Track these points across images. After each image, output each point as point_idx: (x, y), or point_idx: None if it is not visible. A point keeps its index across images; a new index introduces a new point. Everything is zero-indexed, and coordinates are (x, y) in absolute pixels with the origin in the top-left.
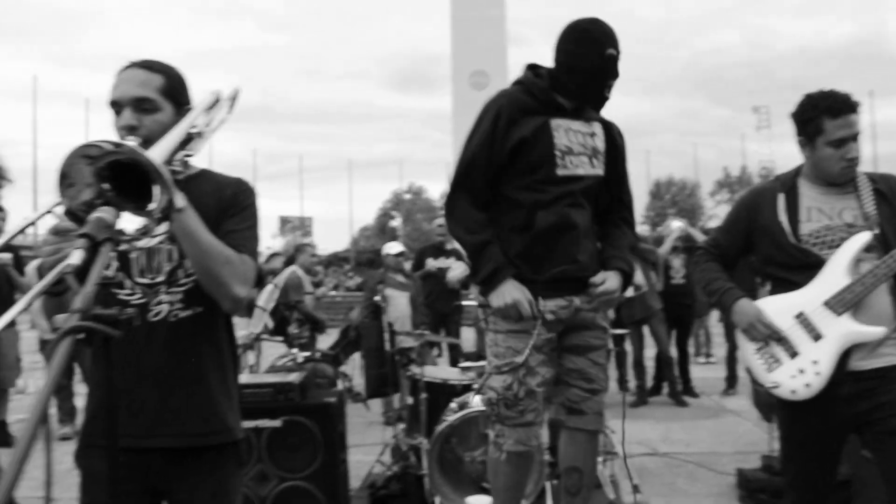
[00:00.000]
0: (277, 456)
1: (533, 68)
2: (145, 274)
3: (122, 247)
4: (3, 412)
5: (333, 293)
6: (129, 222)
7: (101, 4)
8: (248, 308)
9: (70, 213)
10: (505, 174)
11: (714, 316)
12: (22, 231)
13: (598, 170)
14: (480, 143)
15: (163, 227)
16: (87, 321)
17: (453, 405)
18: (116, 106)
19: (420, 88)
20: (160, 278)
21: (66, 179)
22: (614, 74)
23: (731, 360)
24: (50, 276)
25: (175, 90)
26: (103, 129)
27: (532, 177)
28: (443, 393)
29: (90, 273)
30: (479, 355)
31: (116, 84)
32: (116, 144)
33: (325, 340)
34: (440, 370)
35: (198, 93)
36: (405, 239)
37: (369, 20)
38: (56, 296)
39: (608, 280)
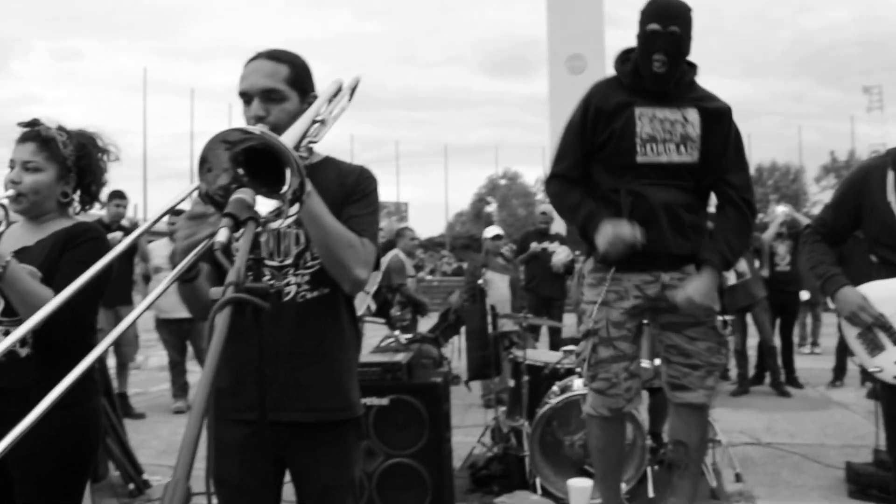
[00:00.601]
0: (384, 433)
1: (624, 54)
2: (274, 257)
3: (259, 228)
4: (123, 385)
5: (430, 277)
6: (262, 206)
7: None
8: None
9: (207, 197)
10: (593, 161)
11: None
12: (165, 214)
13: (688, 156)
14: (571, 133)
15: (295, 209)
16: (241, 294)
17: (555, 388)
18: (245, 97)
19: (516, 73)
20: (288, 261)
21: (205, 164)
22: (657, 48)
23: (842, 351)
24: (187, 260)
25: (300, 79)
26: (207, 117)
27: (615, 163)
28: (544, 376)
29: (238, 249)
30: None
31: (245, 75)
32: (252, 131)
33: (424, 324)
34: (542, 353)
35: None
36: (501, 225)
37: (464, 5)
38: (188, 282)
39: (687, 288)
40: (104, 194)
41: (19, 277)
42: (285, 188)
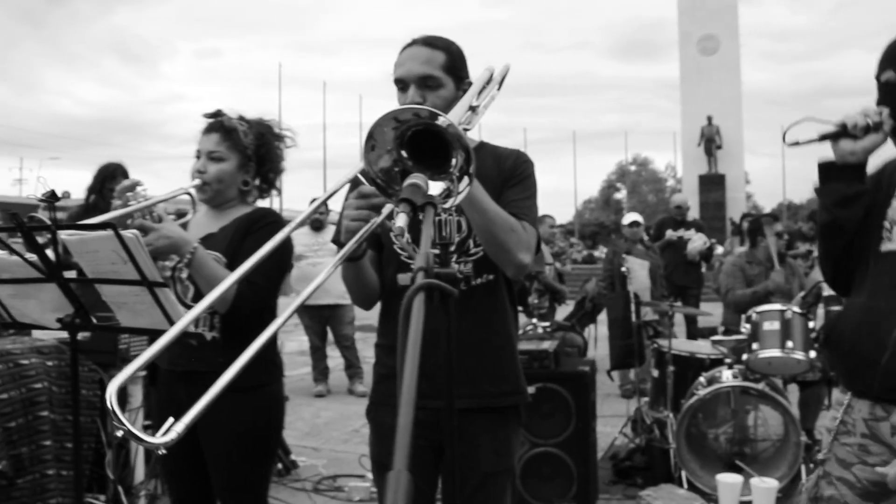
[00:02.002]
0: (530, 422)
1: None
2: (436, 244)
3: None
4: None
5: (557, 265)
6: (431, 189)
7: None
8: None
9: (366, 176)
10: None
11: None
12: (322, 204)
13: None
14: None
15: (464, 184)
16: (433, 280)
17: (702, 379)
18: (401, 83)
19: (645, 56)
20: (451, 248)
21: (371, 140)
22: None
23: None
24: (356, 238)
25: (456, 66)
26: (338, 108)
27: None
28: (690, 367)
29: (423, 234)
30: (727, 330)
31: (401, 62)
32: (424, 109)
33: (559, 311)
34: (688, 343)
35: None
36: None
37: None
38: (354, 260)
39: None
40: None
41: (206, 263)
42: (452, 165)
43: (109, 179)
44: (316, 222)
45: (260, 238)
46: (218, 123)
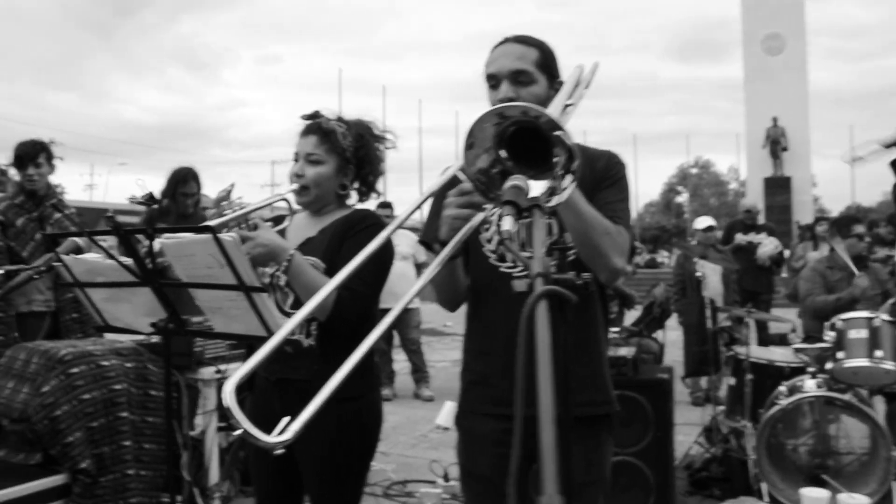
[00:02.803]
0: None
1: None
2: (526, 247)
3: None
4: None
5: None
6: (533, 189)
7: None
8: None
9: (465, 175)
10: None
11: None
12: (420, 204)
13: None
14: None
15: (568, 181)
16: (553, 286)
17: (782, 388)
18: (493, 80)
19: (706, 57)
20: (570, 253)
21: (470, 138)
22: None
23: None
24: (457, 238)
25: (549, 63)
26: (398, 112)
27: None
28: (768, 375)
29: (534, 239)
30: (808, 337)
31: (493, 58)
32: (529, 108)
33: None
34: (766, 350)
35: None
36: (693, 215)
37: None
38: (450, 259)
39: None
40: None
41: (303, 270)
42: (555, 163)
43: (181, 183)
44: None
45: (359, 242)
46: (316, 125)
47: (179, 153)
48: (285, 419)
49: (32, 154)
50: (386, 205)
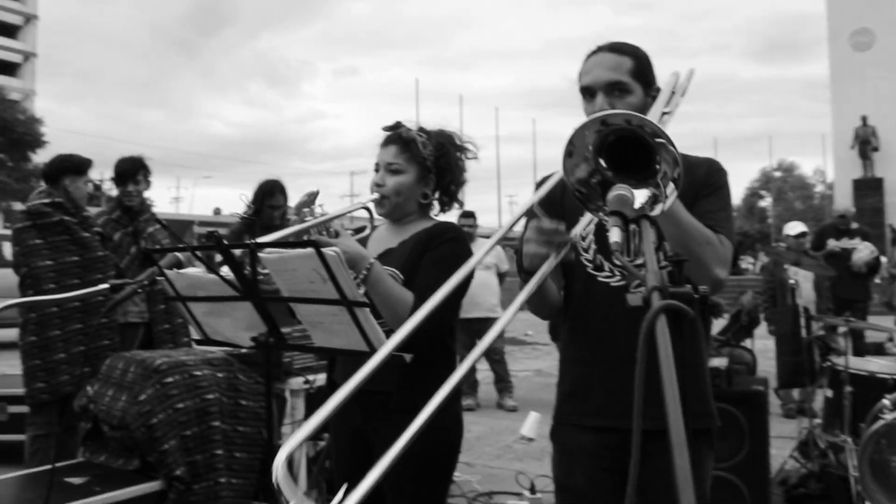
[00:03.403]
0: None
1: None
2: (626, 254)
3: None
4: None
5: None
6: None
7: (465, 8)
8: None
9: (568, 186)
10: None
11: None
12: (515, 222)
13: None
14: None
15: (671, 189)
16: (666, 299)
17: (886, 401)
18: (588, 91)
19: (789, 55)
20: (639, 261)
21: (570, 146)
22: None
23: None
24: (535, 281)
25: (644, 71)
26: (475, 121)
27: None
28: (870, 387)
29: (646, 251)
30: None
31: (587, 70)
32: (632, 117)
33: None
34: (865, 361)
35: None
36: (776, 220)
37: None
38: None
39: None
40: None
41: (382, 280)
42: (657, 171)
43: (268, 196)
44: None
45: (439, 255)
46: (396, 135)
47: (261, 165)
48: (344, 486)
49: (132, 171)
50: (469, 214)
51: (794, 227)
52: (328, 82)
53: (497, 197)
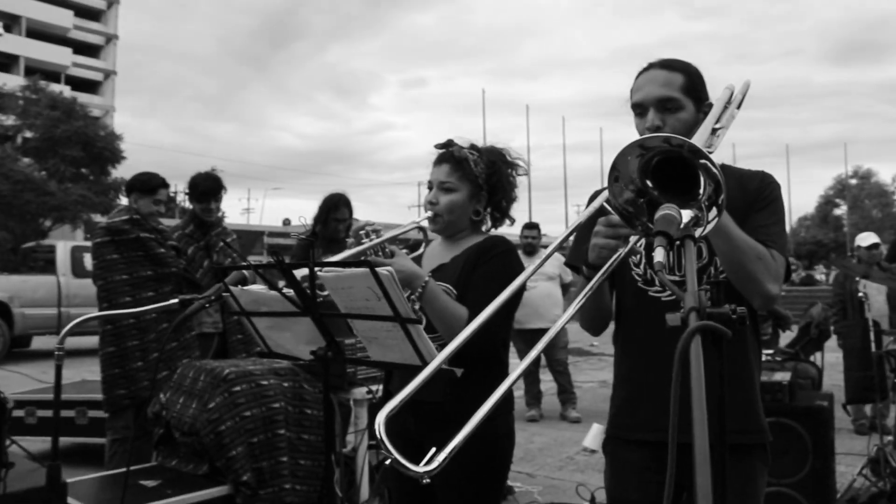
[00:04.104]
0: None
1: None
2: (675, 271)
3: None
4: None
5: None
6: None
7: (532, 18)
8: None
9: (615, 209)
10: None
11: None
12: (572, 233)
13: None
14: None
15: (713, 214)
16: (704, 320)
17: None
18: (639, 108)
19: (866, 58)
20: (720, 283)
21: (614, 172)
22: None
23: None
24: (606, 268)
25: (695, 87)
26: (542, 130)
27: None
28: None
29: (688, 271)
30: None
31: (638, 86)
32: (672, 138)
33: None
34: None
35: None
36: (852, 229)
37: None
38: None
39: None
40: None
41: (436, 296)
42: (700, 193)
43: (333, 209)
44: (529, 247)
45: (490, 269)
46: (448, 154)
47: (329, 177)
48: (433, 449)
49: (216, 189)
50: (532, 226)
51: (866, 239)
52: (396, 94)
53: (564, 206)
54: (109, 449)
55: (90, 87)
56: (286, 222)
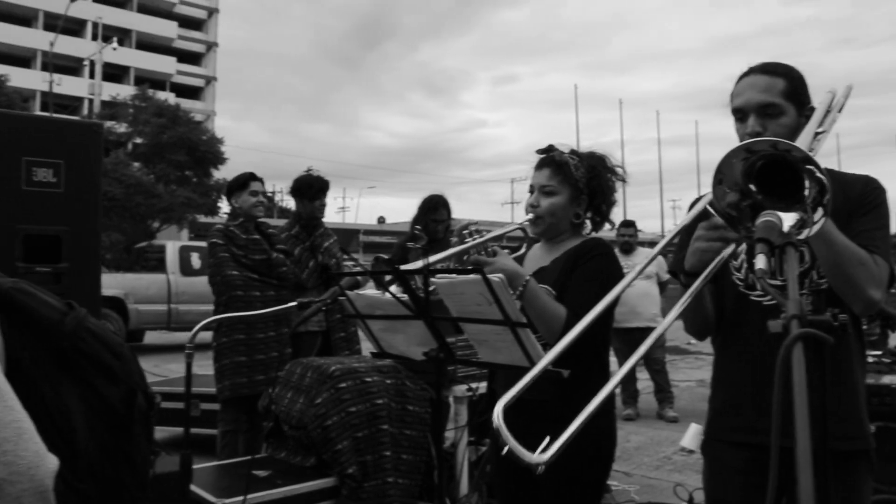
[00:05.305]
0: None
1: None
2: (776, 276)
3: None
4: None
5: None
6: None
7: (624, 10)
8: None
9: (715, 210)
10: None
11: None
12: (672, 239)
13: None
14: None
15: (819, 215)
16: (806, 327)
17: None
18: (740, 113)
19: None
20: (822, 290)
21: (718, 175)
22: None
23: None
24: (709, 271)
25: (797, 92)
26: (635, 124)
27: None
28: None
29: (788, 278)
30: None
31: (739, 91)
32: (779, 142)
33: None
34: None
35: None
36: None
37: None
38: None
39: None
40: (614, 214)
41: (537, 296)
42: (805, 196)
43: (432, 211)
44: (625, 245)
45: (588, 271)
46: (549, 158)
47: (422, 175)
48: (546, 439)
49: (326, 187)
50: (629, 223)
51: None
52: (487, 90)
53: (659, 201)
54: (221, 440)
55: (192, 93)
56: (381, 220)
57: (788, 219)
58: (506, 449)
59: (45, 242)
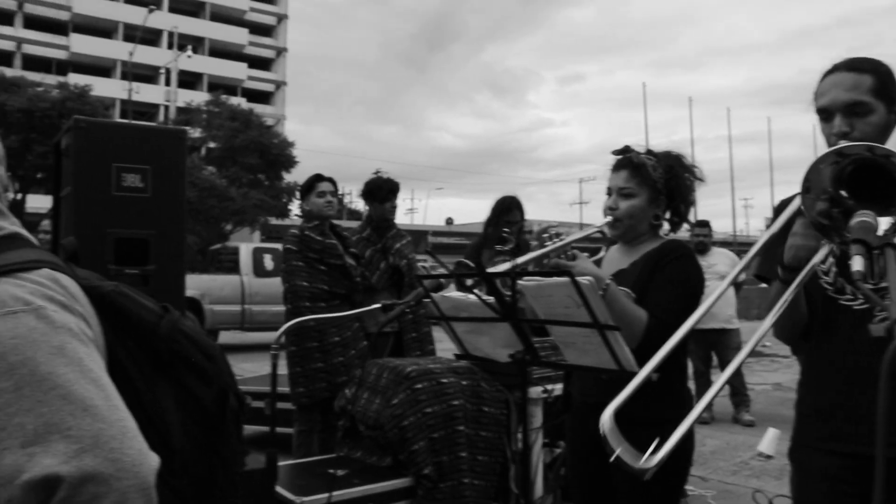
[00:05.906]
0: None
1: None
2: (867, 279)
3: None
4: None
5: None
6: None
7: (692, 4)
8: None
9: (809, 221)
10: None
11: None
12: (763, 245)
13: None
14: None
15: None
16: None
17: None
18: (825, 113)
19: None
20: (884, 283)
21: (806, 183)
22: None
23: None
24: (807, 270)
25: (886, 88)
26: (705, 122)
27: None
28: None
29: (890, 280)
30: None
31: (824, 90)
32: (877, 148)
33: None
34: None
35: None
36: None
37: None
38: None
39: None
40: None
41: (617, 298)
42: None
43: (505, 212)
44: (700, 245)
45: (667, 274)
46: (626, 160)
47: (489, 175)
48: (654, 443)
49: (397, 189)
50: (703, 223)
51: None
52: (553, 90)
53: (731, 200)
54: (296, 439)
55: (263, 98)
56: (449, 221)
57: (885, 222)
58: (613, 456)
59: (134, 245)
